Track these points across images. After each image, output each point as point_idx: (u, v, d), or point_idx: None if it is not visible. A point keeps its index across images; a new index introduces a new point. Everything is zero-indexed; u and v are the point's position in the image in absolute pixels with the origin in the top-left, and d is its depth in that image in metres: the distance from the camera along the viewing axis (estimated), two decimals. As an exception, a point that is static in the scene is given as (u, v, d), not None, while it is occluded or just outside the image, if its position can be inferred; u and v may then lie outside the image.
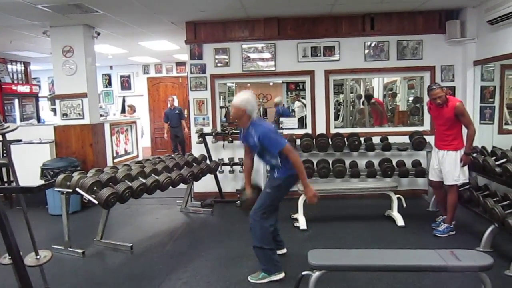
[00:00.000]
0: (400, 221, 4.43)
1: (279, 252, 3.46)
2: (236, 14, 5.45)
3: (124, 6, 4.77)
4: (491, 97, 5.31)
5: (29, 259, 2.54)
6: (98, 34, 6.00)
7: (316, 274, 2.46)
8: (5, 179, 5.88)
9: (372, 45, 5.66)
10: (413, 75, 6.67)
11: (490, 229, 3.61)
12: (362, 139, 5.45)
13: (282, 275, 3.17)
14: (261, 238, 3.12)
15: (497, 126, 5.38)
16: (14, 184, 2.73)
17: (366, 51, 5.67)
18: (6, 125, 2.58)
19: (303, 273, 2.60)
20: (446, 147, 4.04)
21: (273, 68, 5.79)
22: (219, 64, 5.83)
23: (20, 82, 8.71)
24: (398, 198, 4.59)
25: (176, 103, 9.07)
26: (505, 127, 5.51)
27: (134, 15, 5.27)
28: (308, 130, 5.81)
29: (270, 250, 3.16)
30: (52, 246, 3.81)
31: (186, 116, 8.66)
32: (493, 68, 5.29)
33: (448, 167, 4.00)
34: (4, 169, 5.81)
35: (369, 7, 5.31)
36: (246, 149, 3.38)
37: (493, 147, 4.61)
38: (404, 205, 4.62)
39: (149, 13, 5.14)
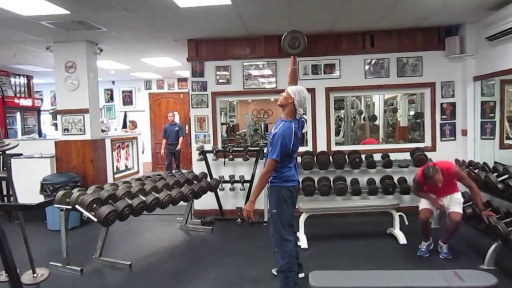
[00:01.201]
0: (402, 239, 4.38)
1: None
2: (237, 32, 5.51)
3: (127, 23, 4.83)
4: (492, 112, 5.32)
5: (26, 277, 2.51)
6: (101, 50, 6.06)
7: (317, 294, 2.42)
8: (4, 193, 5.85)
9: (372, 62, 5.70)
10: (413, 92, 6.69)
11: (493, 246, 3.56)
12: (363, 156, 5.44)
13: None
14: (282, 260, 3.01)
15: (498, 141, 5.38)
16: (13, 199, 2.71)
17: (367, 68, 5.71)
18: (6, 141, 2.58)
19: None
20: (451, 192, 3.99)
21: (274, 86, 5.81)
22: (220, 81, 5.86)
23: (23, 95, 8.75)
24: (400, 215, 4.55)
25: (177, 119, 8.97)
26: (506, 141, 5.50)
27: (137, 32, 5.33)
28: (309, 148, 5.79)
29: (291, 272, 3.01)
30: (50, 263, 3.78)
31: (186, 132, 8.58)
32: (493, 83, 5.31)
33: (460, 199, 3.97)
34: (3, 183, 5.78)
35: (369, 24, 5.36)
36: None
37: (495, 162, 4.60)
38: (406, 223, 4.57)
39: (151, 31, 5.20)
